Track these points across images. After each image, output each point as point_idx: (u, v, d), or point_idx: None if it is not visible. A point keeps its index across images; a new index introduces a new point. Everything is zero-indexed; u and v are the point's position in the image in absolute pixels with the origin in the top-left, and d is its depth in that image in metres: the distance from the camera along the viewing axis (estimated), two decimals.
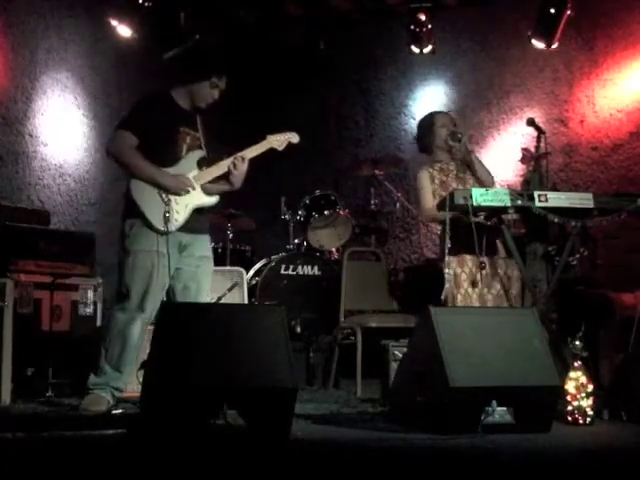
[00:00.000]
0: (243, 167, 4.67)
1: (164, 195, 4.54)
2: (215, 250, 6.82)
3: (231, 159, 4.66)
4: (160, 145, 4.59)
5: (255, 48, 8.11)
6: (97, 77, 7.18)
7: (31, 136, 6.57)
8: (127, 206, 4.60)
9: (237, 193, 4.86)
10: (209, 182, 4.68)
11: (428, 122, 5.35)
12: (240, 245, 7.06)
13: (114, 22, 6.94)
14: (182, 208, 4.59)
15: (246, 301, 5.94)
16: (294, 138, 4.84)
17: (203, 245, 4.74)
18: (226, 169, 4.65)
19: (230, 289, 5.56)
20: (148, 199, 4.52)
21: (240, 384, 3.72)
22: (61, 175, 6.83)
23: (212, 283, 4.85)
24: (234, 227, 6.91)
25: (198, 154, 4.69)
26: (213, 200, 4.72)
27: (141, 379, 4.07)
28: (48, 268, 5.32)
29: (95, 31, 7.09)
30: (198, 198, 4.65)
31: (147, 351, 4.24)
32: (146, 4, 6.83)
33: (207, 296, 4.77)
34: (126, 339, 4.50)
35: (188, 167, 4.64)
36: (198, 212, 4.67)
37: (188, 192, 4.59)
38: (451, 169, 5.24)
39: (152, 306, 4.48)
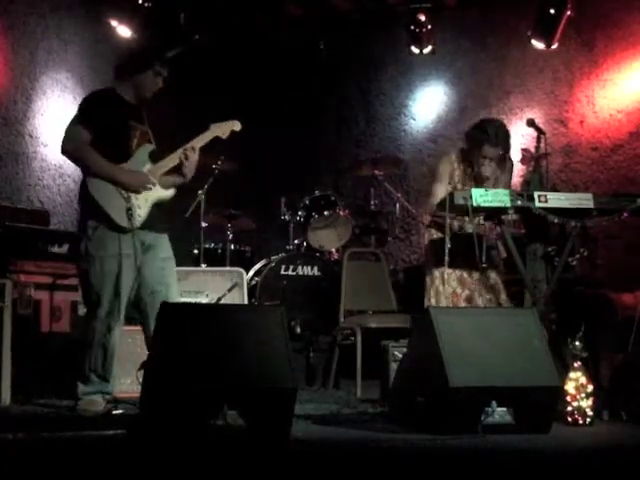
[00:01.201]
0: (194, 157, 4.63)
1: (123, 192, 4.47)
2: (215, 250, 6.85)
3: (181, 150, 4.61)
4: (112, 141, 4.52)
5: (255, 48, 8.11)
6: (97, 77, 7.18)
7: (31, 136, 6.58)
8: (87, 207, 4.51)
9: (237, 193, 4.85)
10: (162, 175, 4.63)
11: (478, 141, 5.08)
12: (240, 245, 7.06)
13: (114, 22, 6.94)
14: (143, 203, 4.53)
15: (246, 301, 5.94)
16: (236, 126, 4.79)
17: (166, 245, 4.68)
18: (178, 161, 4.61)
19: (230, 289, 5.56)
20: (108, 197, 4.45)
21: (240, 384, 3.72)
22: (61, 175, 6.83)
23: (212, 283, 4.85)
24: (234, 227, 6.90)
25: (148, 148, 4.65)
26: (169, 193, 4.67)
27: (141, 379, 4.06)
28: (48, 268, 5.33)
29: (95, 32, 7.10)
30: (156, 192, 4.60)
31: (147, 351, 4.24)
32: (146, 4, 6.84)
33: (177, 297, 4.69)
34: (106, 348, 4.47)
35: (141, 162, 4.60)
36: (159, 207, 4.63)
37: (149, 188, 4.55)
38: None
39: (123, 309, 4.47)
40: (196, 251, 6.73)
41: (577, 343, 4.25)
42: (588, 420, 4.18)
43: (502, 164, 5.15)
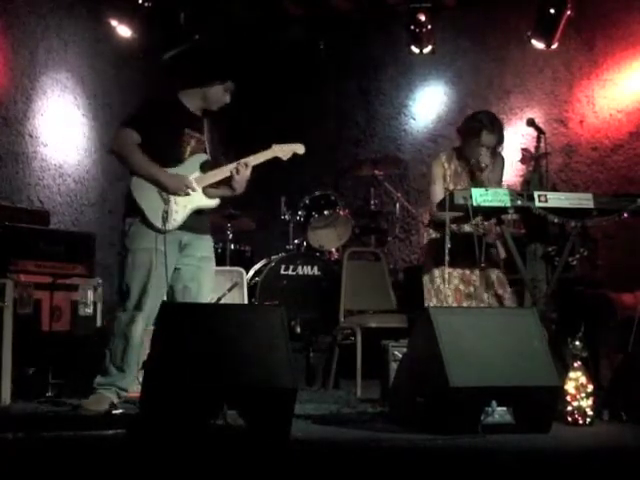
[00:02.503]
0: (246, 173, 4.67)
1: (164, 194, 4.55)
2: (215, 250, 6.80)
3: (234, 164, 4.66)
4: (163, 145, 4.60)
5: (255, 48, 8.11)
6: (97, 77, 7.19)
7: (31, 136, 6.57)
8: (127, 204, 4.62)
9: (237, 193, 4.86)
10: (212, 186, 4.69)
11: (475, 130, 5.06)
12: (240, 245, 7.06)
13: (114, 22, 6.94)
14: (181, 208, 4.59)
15: (246, 301, 5.94)
16: (300, 149, 4.84)
17: (204, 245, 4.74)
18: (229, 174, 4.66)
19: (230, 289, 5.56)
20: (148, 197, 4.54)
21: (240, 384, 3.72)
22: (61, 175, 6.83)
23: (212, 283, 4.85)
24: (234, 227, 6.90)
25: (202, 157, 4.70)
26: (213, 203, 4.73)
27: (141, 379, 4.06)
28: (48, 268, 5.32)
29: (95, 31, 7.10)
30: (198, 200, 4.65)
31: (147, 351, 4.24)
32: (146, 4, 6.84)
33: (208, 297, 4.77)
34: (128, 339, 4.51)
35: (191, 169, 4.65)
36: (198, 213, 4.68)
37: (188, 193, 4.60)
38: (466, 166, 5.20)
39: (151, 305, 4.48)
40: None
41: (577, 343, 4.25)
42: (588, 420, 4.18)
43: (493, 158, 5.14)
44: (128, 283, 4.54)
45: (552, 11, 6.93)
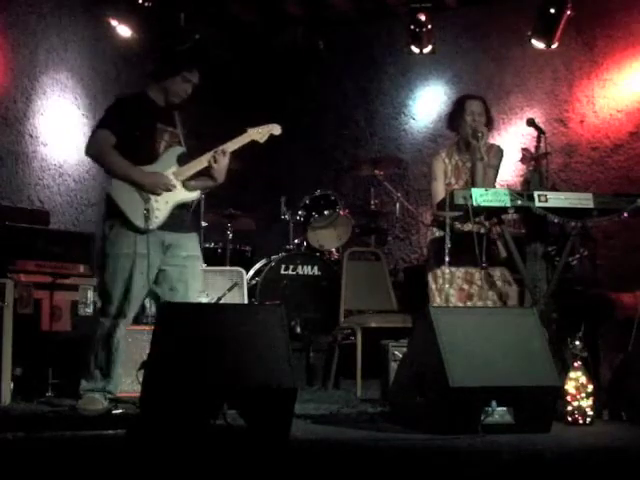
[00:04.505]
0: (224, 161, 4.63)
1: (143, 193, 4.50)
2: (215, 250, 6.85)
3: (211, 153, 4.61)
4: (137, 142, 4.56)
5: (255, 48, 8.11)
6: (97, 77, 7.19)
7: (31, 136, 6.58)
8: (107, 207, 4.57)
9: (237, 193, 4.85)
10: (191, 178, 4.64)
11: (459, 106, 5.27)
12: (240, 245, 7.06)
13: (114, 22, 6.94)
14: (162, 205, 4.54)
15: (246, 301, 5.94)
16: (276, 130, 4.77)
17: (189, 244, 4.67)
18: (206, 163, 4.61)
19: (230, 289, 5.56)
20: (127, 198, 4.49)
21: (240, 384, 3.72)
22: (61, 175, 6.83)
23: (212, 283, 4.84)
24: (234, 227, 6.90)
25: (177, 150, 4.65)
26: (193, 195, 4.68)
27: (141, 379, 4.06)
28: (48, 268, 5.33)
29: (95, 31, 7.10)
30: (178, 194, 4.60)
31: (147, 351, 4.24)
32: (146, 4, 6.83)
33: (196, 297, 4.72)
34: (111, 345, 4.51)
35: (167, 164, 4.61)
36: (182, 209, 4.64)
37: (168, 190, 4.55)
38: (468, 157, 5.22)
39: (133, 309, 4.50)
40: None
41: (577, 343, 4.25)
42: (588, 420, 4.18)
43: (489, 149, 5.16)
44: (109, 289, 4.49)
45: (552, 11, 6.93)
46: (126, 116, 4.57)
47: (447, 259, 4.83)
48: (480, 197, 4.64)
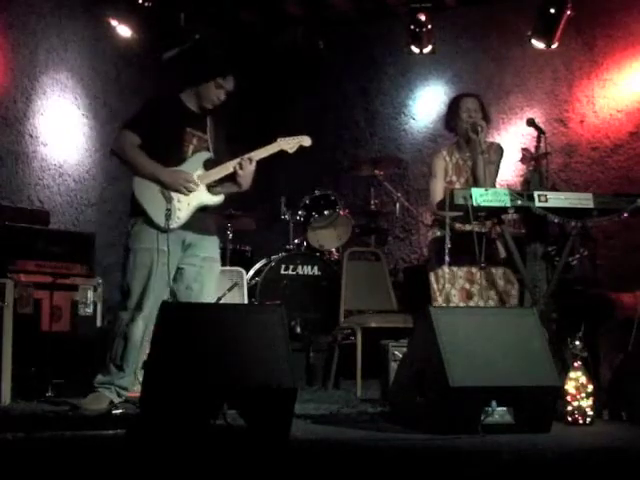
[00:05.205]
0: (250, 168, 4.67)
1: (166, 192, 4.55)
2: None
3: (238, 160, 4.66)
4: (165, 145, 4.61)
5: (255, 48, 8.11)
6: (97, 77, 7.18)
7: (31, 136, 6.57)
8: (130, 205, 4.64)
9: (237, 193, 4.85)
10: (216, 183, 4.69)
11: (454, 105, 5.33)
12: (240, 245, 7.07)
13: (114, 22, 6.94)
14: (184, 206, 4.59)
15: (246, 301, 5.94)
16: (306, 141, 4.82)
17: (209, 246, 4.73)
18: (232, 170, 4.65)
19: (230, 289, 5.57)
20: (150, 196, 4.54)
21: (240, 384, 3.72)
22: (61, 175, 6.83)
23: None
24: (234, 227, 6.90)
25: (204, 155, 4.70)
26: (217, 199, 4.72)
27: (141, 379, 4.06)
28: (48, 268, 5.32)
29: (95, 31, 7.09)
30: (201, 197, 4.65)
31: (147, 351, 4.24)
32: (146, 4, 6.84)
33: (210, 298, 4.76)
34: (127, 338, 4.53)
35: (193, 167, 4.65)
36: (203, 212, 4.68)
37: (191, 189, 4.59)
38: (469, 155, 5.22)
39: (152, 304, 4.48)
40: None
41: (577, 343, 4.25)
42: (588, 420, 4.18)
43: (489, 147, 5.16)
44: (129, 283, 4.55)
45: (552, 11, 6.93)
46: (154, 117, 4.61)
47: (447, 259, 4.83)
48: (480, 197, 4.64)
